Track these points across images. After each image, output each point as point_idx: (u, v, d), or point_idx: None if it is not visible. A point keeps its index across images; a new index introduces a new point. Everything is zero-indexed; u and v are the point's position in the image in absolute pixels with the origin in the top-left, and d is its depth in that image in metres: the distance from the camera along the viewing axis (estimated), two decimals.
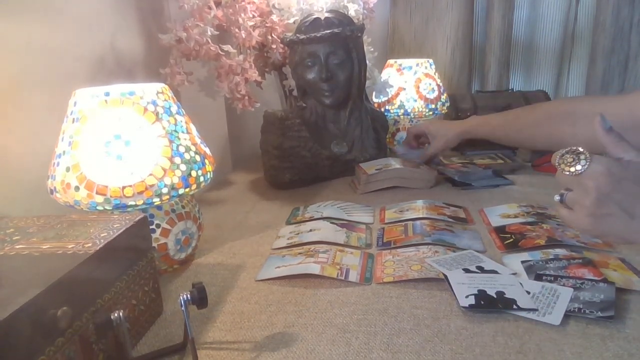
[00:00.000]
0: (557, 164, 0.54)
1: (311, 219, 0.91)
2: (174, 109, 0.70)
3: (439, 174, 1.17)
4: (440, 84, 1.47)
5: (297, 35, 1.12)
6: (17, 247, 0.49)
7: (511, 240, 0.77)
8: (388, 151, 1.33)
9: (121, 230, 0.53)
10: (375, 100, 1.43)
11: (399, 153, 1.30)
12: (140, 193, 0.63)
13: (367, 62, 1.23)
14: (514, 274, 0.66)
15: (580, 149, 0.51)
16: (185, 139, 0.69)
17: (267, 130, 1.16)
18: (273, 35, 1.19)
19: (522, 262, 0.69)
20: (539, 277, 0.64)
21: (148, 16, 1.06)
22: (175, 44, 1.02)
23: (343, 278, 0.67)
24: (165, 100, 0.69)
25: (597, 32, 1.63)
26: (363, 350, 0.52)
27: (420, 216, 0.88)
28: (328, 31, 1.09)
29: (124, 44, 0.97)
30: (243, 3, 1.08)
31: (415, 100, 1.42)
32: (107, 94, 0.64)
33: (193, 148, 0.69)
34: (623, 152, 0.51)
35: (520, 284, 0.62)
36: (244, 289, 0.67)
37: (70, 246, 0.49)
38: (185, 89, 1.08)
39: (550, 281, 0.62)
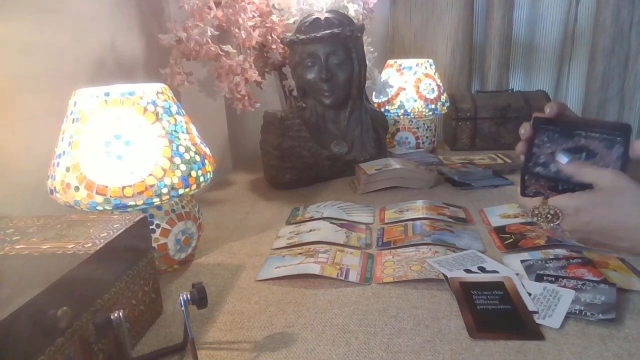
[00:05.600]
0: (531, 218, 0.56)
1: (311, 219, 0.91)
2: (174, 109, 0.70)
3: (439, 174, 1.17)
4: (440, 84, 1.47)
5: (297, 35, 1.12)
6: (17, 247, 0.49)
7: (511, 240, 0.77)
8: (387, 152, 1.33)
9: (121, 231, 0.53)
10: (375, 100, 1.43)
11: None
12: (140, 193, 0.63)
13: (367, 62, 1.23)
14: (517, 274, 0.66)
15: (551, 211, 0.54)
16: (185, 139, 0.69)
17: (267, 130, 1.16)
18: (273, 35, 1.19)
19: (522, 261, 0.69)
20: (539, 277, 0.64)
21: (148, 16, 1.06)
22: (175, 44, 1.02)
23: (343, 278, 0.67)
24: (165, 100, 0.69)
25: (597, 32, 1.63)
26: (363, 350, 0.52)
27: (420, 216, 0.88)
28: (328, 31, 1.09)
29: (124, 44, 0.97)
30: (243, 3, 1.08)
31: (415, 100, 1.42)
32: (107, 94, 0.64)
33: (193, 148, 0.69)
34: (588, 177, 0.53)
35: (522, 284, 0.62)
36: (244, 289, 0.67)
37: (70, 246, 0.49)
38: (185, 89, 1.08)
39: (551, 282, 0.62)
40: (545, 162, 0.55)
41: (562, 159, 0.54)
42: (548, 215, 0.54)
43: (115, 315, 0.48)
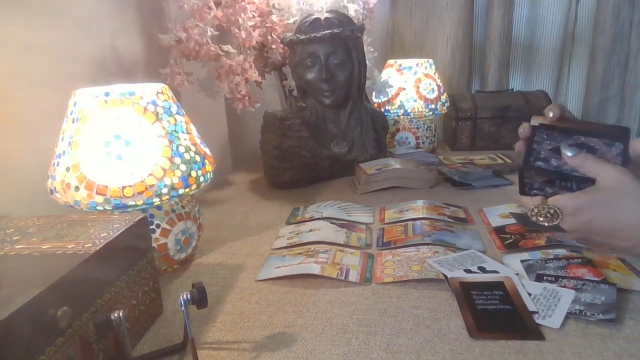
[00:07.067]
0: (531, 217, 0.56)
1: (311, 219, 0.90)
2: (174, 109, 0.70)
3: (439, 174, 1.17)
4: (440, 84, 1.47)
5: (297, 35, 1.12)
6: (17, 247, 0.49)
7: (511, 240, 0.77)
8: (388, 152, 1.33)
9: (121, 230, 0.53)
10: (375, 100, 1.43)
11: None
12: (140, 193, 0.63)
13: (367, 62, 1.23)
14: (517, 274, 0.66)
15: (550, 210, 0.54)
16: (185, 139, 0.69)
17: (267, 130, 1.16)
18: (273, 35, 1.19)
19: (522, 261, 0.69)
20: (539, 277, 0.64)
21: (148, 16, 1.05)
22: (175, 44, 1.01)
23: (343, 278, 0.67)
24: (165, 100, 0.69)
25: (597, 32, 1.63)
26: (363, 351, 0.52)
27: (420, 216, 0.88)
28: (328, 31, 1.09)
29: (124, 44, 0.97)
30: (243, 3, 1.08)
31: (415, 100, 1.42)
32: (107, 94, 0.64)
33: (193, 148, 0.69)
34: (592, 171, 0.53)
35: (522, 284, 0.62)
36: (244, 289, 0.67)
37: (70, 246, 0.49)
38: (185, 89, 1.08)
39: (551, 282, 0.62)
40: (546, 157, 0.56)
41: (568, 152, 0.54)
42: (548, 215, 0.54)
43: (115, 315, 0.48)
